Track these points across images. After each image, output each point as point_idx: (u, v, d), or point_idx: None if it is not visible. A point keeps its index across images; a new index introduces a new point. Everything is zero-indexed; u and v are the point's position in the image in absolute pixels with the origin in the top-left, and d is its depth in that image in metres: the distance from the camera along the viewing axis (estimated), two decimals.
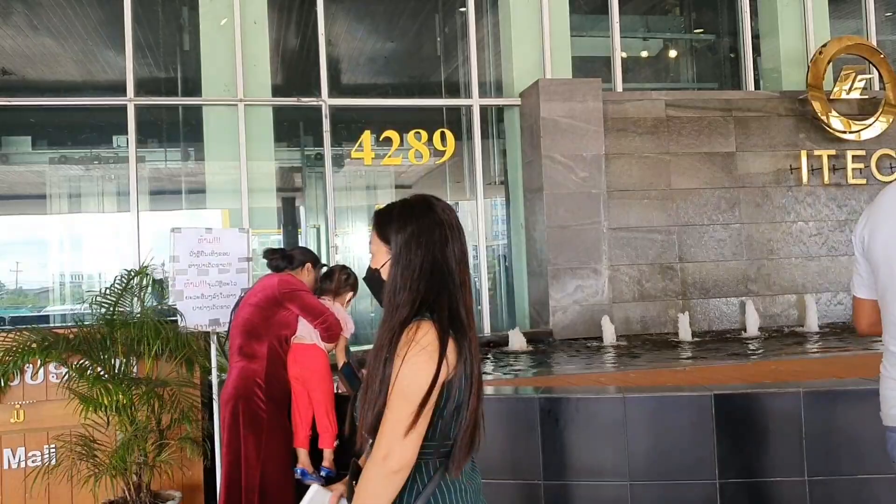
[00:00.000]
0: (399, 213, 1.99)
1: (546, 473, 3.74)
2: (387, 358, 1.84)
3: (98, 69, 8.99)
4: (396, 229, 1.97)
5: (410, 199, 2.04)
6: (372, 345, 1.95)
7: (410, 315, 1.86)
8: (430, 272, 1.90)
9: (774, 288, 8.02)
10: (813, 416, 3.64)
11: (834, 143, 8.09)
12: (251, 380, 4.13)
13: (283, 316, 4.25)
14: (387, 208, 2.04)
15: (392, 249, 1.96)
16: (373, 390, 1.84)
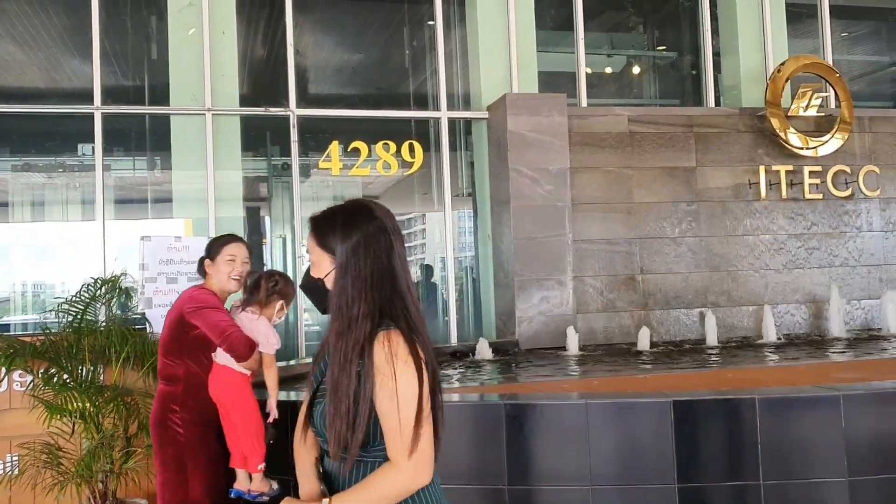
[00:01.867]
0: (343, 223, 1.98)
1: (510, 478, 3.81)
2: (359, 372, 1.86)
3: (64, 77, 8.94)
4: (342, 238, 1.96)
5: (350, 206, 2.04)
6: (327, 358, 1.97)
7: (374, 326, 1.89)
8: (380, 280, 1.93)
9: (733, 299, 8.20)
10: (768, 422, 3.76)
11: (791, 159, 8.31)
12: (167, 405, 3.82)
13: (197, 334, 3.81)
14: (326, 216, 2.02)
15: (338, 259, 1.95)
16: (345, 405, 1.85)
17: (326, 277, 1.99)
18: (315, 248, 2.02)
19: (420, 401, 1.87)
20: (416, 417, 1.86)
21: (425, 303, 9.37)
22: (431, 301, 9.42)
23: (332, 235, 1.98)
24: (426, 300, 9.40)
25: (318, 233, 2.03)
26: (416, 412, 1.86)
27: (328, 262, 1.98)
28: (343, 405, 1.85)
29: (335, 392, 1.87)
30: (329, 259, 1.98)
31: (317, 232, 2.03)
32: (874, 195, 8.54)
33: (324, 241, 2.00)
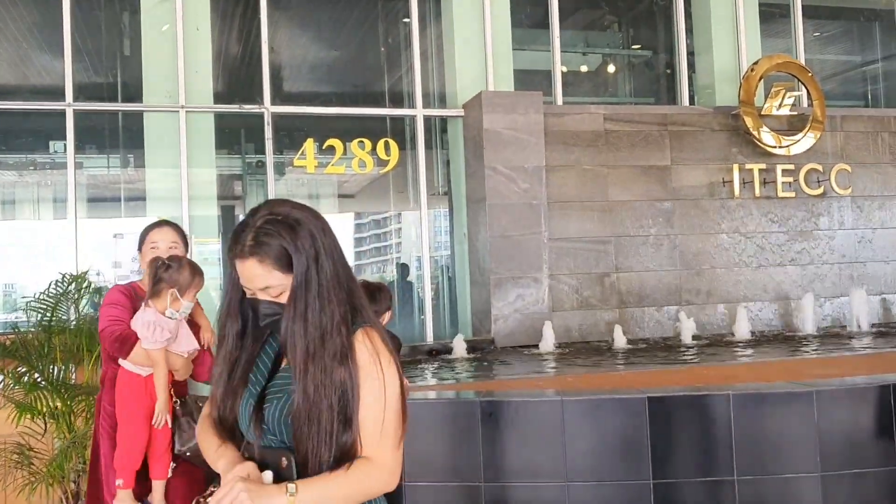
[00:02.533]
0: (290, 232, 1.81)
1: (486, 475, 3.82)
2: (342, 381, 1.77)
3: (35, 73, 8.82)
4: (296, 249, 1.80)
5: (284, 212, 1.85)
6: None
7: (349, 327, 1.83)
8: (344, 279, 1.87)
9: (707, 297, 8.26)
10: (742, 417, 3.79)
11: (764, 158, 8.39)
12: (97, 408, 3.61)
13: None
14: (267, 233, 1.81)
15: (297, 274, 1.80)
16: (326, 420, 1.75)
17: (282, 296, 1.83)
18: (270, 273, 1.81)
19: (402, 397, 1.85)
20: (403, 414, 1.84)
21: (401, 301, 9.36)
22: (407, 300, 9.41)
23: (284, 251, 1.80)
24: (402, 299, 9.39)
25: (269, 253, 1.80)
26: (402, 409, 1.84)
27: (282, 279, 1.81)
28: (324, 425, 1.75)
29: (312, 408, 1.75)
30: (282, 276, 1.81)
31: (267, 252, 1.80)
32: (846, 193, 8.64)
33: (279, 260, 1.80)
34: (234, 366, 1.94)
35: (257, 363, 1.95)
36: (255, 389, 1.89)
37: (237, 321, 1.93)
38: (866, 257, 8.72)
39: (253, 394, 1.89)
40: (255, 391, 1.89)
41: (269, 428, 1.83)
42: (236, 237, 1.83)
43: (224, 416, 1.93)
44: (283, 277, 1.80)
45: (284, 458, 1.78)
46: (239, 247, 1.81)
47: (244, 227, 1.83)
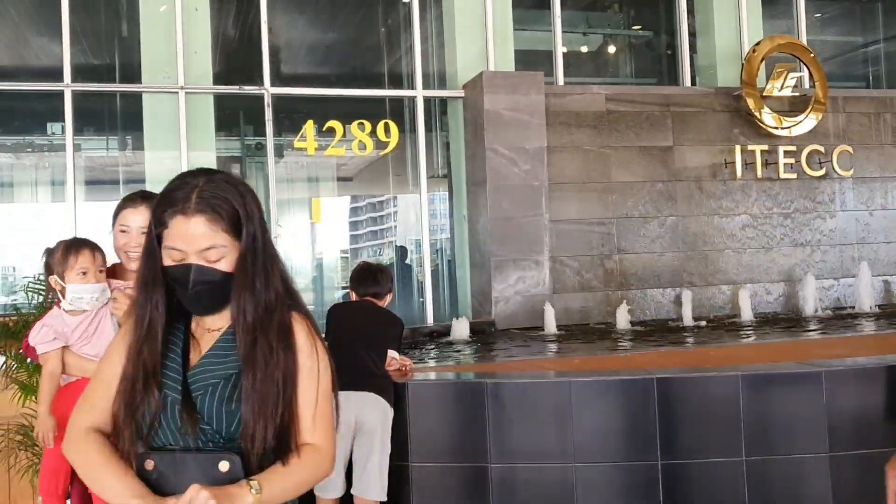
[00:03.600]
0: (241, 198, 1.72)
1: (493, 456, 3.81)
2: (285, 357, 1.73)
3: (32, 54, 8.74)
4: (246, 214, 1.72)
5: (233, 177, 1.77)
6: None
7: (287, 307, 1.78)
8: (276, 257, 1.80)
9: (709, 279, 8.25)
10: (750, 398, 3.78)
11: (766, 139, 8.36)
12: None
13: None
14: (216, 194, 1.69)
15: (245, 237, 1.71)
16: (272, 398, 1.69)
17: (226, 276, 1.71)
18: (217, 233, 1.69)
19: (334, 385, 1.81)
20: (336, 399, 1.82)
21: (399, 284, 9.34)
22: (406, 282, 9.39)
23: (236, 213, 1.71)
24: (400, 281, 9.36)
25: (220, 212, 1.69)
26: (335, 393, 1.81)
27: (235, 248, 1.71)
28: (270, 399, 1.68)
29: (258, 386, 1.68)
30: (234, 244, 1.71)
31: (218, 211, 1.69)
32: (847, 175, 8.61)
33: (228, 221, 1.69)
34: (139, 359, 1.74)
35: (167, 356, 1.76)
36: (176, 385, 1.73)
37: (160, 295, 1.74)
38: (868, 238, 8.71)
39: (175, 389, 1.72)
40: (177, 387, 1.73)
41: (205, 419, 1.70)
42: (170, 196, 1.70)
43: (121, 424, 1.72)
44: (228, 241, 1.70)
45: (225, 462, 1.67)
46: (181, 204, 1.67)
47: (181, 187, 1.70)
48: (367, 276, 4.23)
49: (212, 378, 1.73)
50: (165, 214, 1.69)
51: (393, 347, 4.05)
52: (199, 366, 1.75)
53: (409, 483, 3.91)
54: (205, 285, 1.69)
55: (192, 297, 1.71)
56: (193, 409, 1.69)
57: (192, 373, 1.74)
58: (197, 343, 1.80)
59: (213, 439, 1.70)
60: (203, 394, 1.71)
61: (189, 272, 1.68)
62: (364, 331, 3.98)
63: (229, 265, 1.71)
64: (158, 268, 1.72)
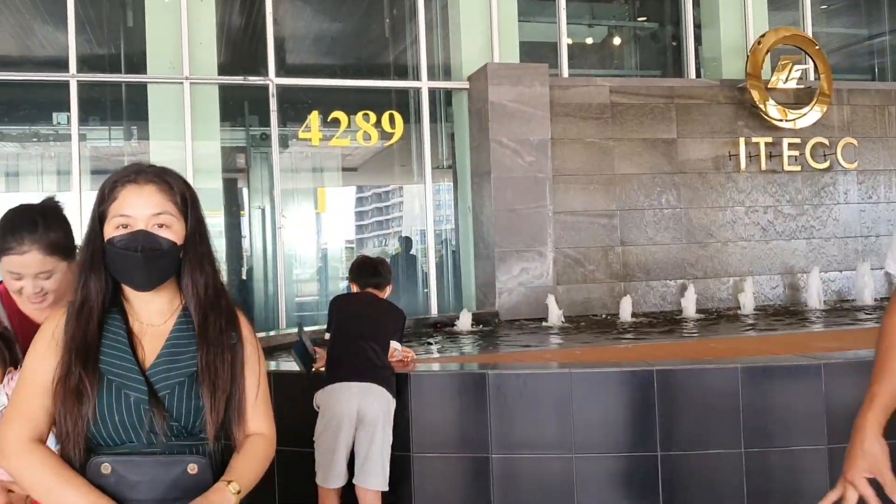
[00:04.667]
0: (188, 186, 1.78)
1: (494, 447, 3.84)
2: (233, 345, 1.78)
3: (38, 44, 8.76)
4: (192, 199, 1.78)
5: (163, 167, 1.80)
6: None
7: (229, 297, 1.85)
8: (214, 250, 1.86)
9: (712, 271, 8.26)
10: (750, 390, 3.80)
11: (771, 131, 8.35)
12: None
13: None
14: (168, 173, 1.76)
15: (192, 218, 1.76)
16: (223, 382, 1.73)
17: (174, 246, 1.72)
18: (167, 203, 1.72)
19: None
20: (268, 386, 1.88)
21: (404, 275, 9.37)
22: (410, 273, 9.41)
23: (185, 193, 1.76)
24: (405, 272, 9.39)
25: (173, 186, 1.74)
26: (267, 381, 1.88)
27: (179, 220, 1.73)
28: (222, 383, 1.72)
29: (212, 371, 1.71)
30: (179, 218, 1.73)
31: (171, 185, 1.74)
32: (852, 167, 8.60)
33: (179, 197, 1.74)
34: (75, 344, 1.70)
35: (112, 352, 1.72)
36: (138, 385, 1.68)
37: (98, 278, 1.73)
38: (872, 231, 8.71)
39: (138, 389, 1.68)
40: (140, 386, 1.68)
41: (173, 417, 1.68)
42: (118, 172, 1.74)
43: (64, 422, 1.65)
44: (177, 214, 1.72)
45: (193, 465, 1.67)
46: (133, 175, 1.72)
47: (129, 167, 1.75)
48: (368, 268, 4.26)
49: (177, 376, 1.71)
50: (116, 186, 1.71)
51: (395, 338, 4.07)
52: (158, 364, 1.72)
53: (410, 473, 3.94)
54: (154, 252, 1.68)
55: (140, 264, 1.68)
56: (163, 408, 1.67)
57: (154, 371, 1.71)
58: (138, 340, 1.75)
59: (179, 435, 1.69)
60: (171, 392, 1.70)
61: (138, 237, 1.67)
62: (366, 322, 4.00)
63: (177, 238, 1.72)
64: (99, 248, 1.71)
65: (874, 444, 1.78)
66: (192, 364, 1.73)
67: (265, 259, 8.68)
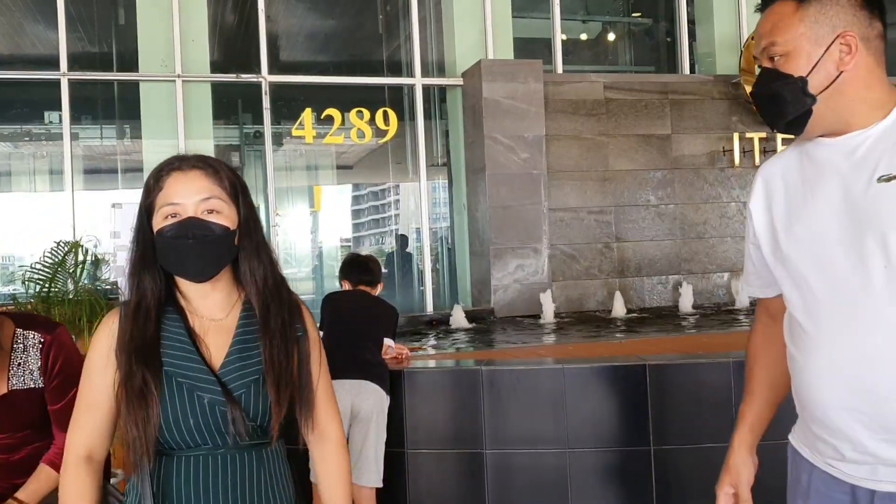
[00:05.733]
0: (238, 174, 1.72)
1: (488, 442, 3.83)
2: (299, 338, 1.72)
3: (28, 42, 8.73)
4: (243, 188, 1.71)
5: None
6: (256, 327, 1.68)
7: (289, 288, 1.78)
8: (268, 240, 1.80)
9: (707, 267, 8.26)
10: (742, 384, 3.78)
11: (764, 127, 8.30)
12: None
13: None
14: (215, 160, 1.71)
15: (244, 206, 1.68)
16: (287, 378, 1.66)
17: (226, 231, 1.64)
18: (216, 188, 1.65)
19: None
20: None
21: (400, 272, 9.36)
22: (407, 270, 9.40)
23: (236, 179, 1.70)
24: (401, 270, 9.38)
25: (220, 171, 1.67)
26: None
27: (231, 207, 1.66)
28: (287, 378, 1.65)
29: (277, 366, 1.64)
30: (231, 205, 1.66)
31: (218, 171, 1.67)
32: None
33: (231, 185, 1.67)
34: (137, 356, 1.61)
35: (175, 352, 1.65)
36: (211, 386, 1.62)
37: (153, 275, 1.66)
38: None
39: (212, 390, 1.62)
40: (214, 388, 1.62)
41: (250, 417, 1.63)
42: (163, 163, 1.69)
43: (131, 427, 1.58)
44: (227, 199, 1.65)
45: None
46: (178, 163, 1.66)
47: (176, 157, 1.69)
48: (359, 265, 4.26)
49: (251, 373, 1.64)
50: (161, 175, 1.65)
51: (388, 335, 4.07)
52: (229, 363, 1.65)
53: (405, 470, 3.94)
54: (206, 238, 1.60)
55: (193, 252, 1.60)
56: (240, 408, 1.60)
57: (226, 369, 1.64)
58: (200, 338, 1.67)
59: (254, 435, 1.64)
60: (246, 392, 1.63)
61: (187, 225, 1.60)
62: (360, 319, 4.00)
63: (229, 223, 1.64)
64: (150, 243, 1.64)
65: (737, 460, 1.90)
66: (261, 363, 1.66)
67: None
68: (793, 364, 1.71)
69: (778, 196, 1.72)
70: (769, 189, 1.75)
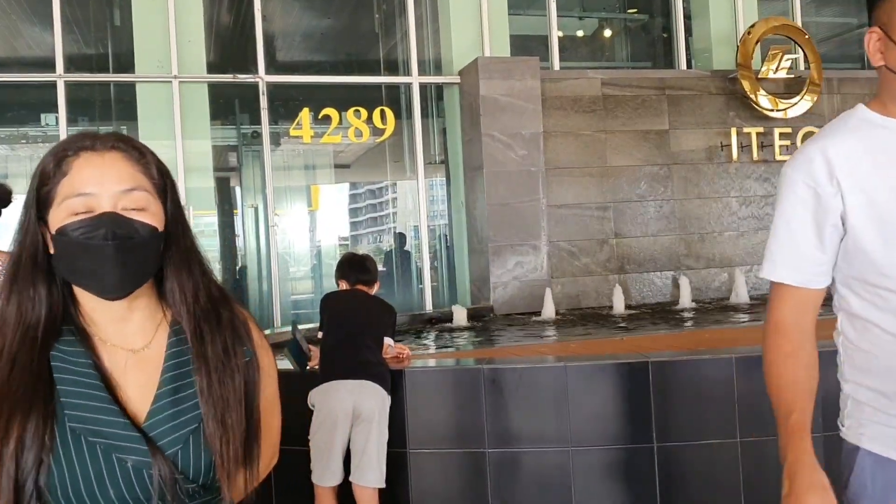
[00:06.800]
0: (156, 156, 1.31)
1: (490, 441, 3.83)
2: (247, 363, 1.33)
3: (24, 45, 8.71)
4: (171, 181, 1.31)
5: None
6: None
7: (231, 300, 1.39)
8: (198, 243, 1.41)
9: (706, 262, 8.26)
10: (744, 380, 3.79)
11: (762, 121, 8.35)
12: None
13: None
14: (138, 144, 1.30)
15: (171, 200, 1.29)
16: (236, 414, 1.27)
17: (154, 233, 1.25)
18: (138, 176, 1.25)
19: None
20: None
21: (399, 271, 9.35)
22: (405, 269, 9.40)
23: (160, 168, 1.30)
24: (400, 268, 9.38)
25: (144, 156, 1.28)
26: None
27: (155, 201, 1.27)
28: (234, 408, 1.27)
29: (216, 389, 1.26)
30: (155, 199, 1.27)
31: (146, 154, 1.29)
32: None
33: (158, 173, 1.29)
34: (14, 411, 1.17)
35: (72, 401, 1.21)
36: (134, 444, 1.20)
37: (41, 287, 1.25)
38: None
39: (135, 450, 1.20)
40: (137, 446, 1.20)
41: (190, 479, 1.24)
42: (66, 141, 1.27)
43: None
44: (153, 192, 1.26)
45: None
46: (90, 140, 1.25)
47: (88, 135, 1.27)
48: (357, 265, 4.26)
49: (187, 423, 1.25)
50: (66, 156, 1.24)
51: (388, 335, 4.06)
52: (158, 410, 1.24)
53: (407, 470, 3.93)
54: (129, 242, 1.21)
55: (111, 258, 1.19)
56: (176, 469, 1.22)
57: (154, 422, 1.23)
58: (114, 378, 1.25)
59: (194, 497, 1.25)
60: (184, 447, 1.23)
61: (104, 221, 1.20)
62: (360, 319, 3.99)
63: (157, 223, 1.25)
64: (40, 246, 1.25)
65: (823, 478, 1.58)
66: (198, 406, 1.27)
67: (259, 257, 8.65)
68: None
69: (864, 172, 1.62)
70: (851, 167, 1.62)
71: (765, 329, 1.79)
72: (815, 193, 1.64)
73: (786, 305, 1.75)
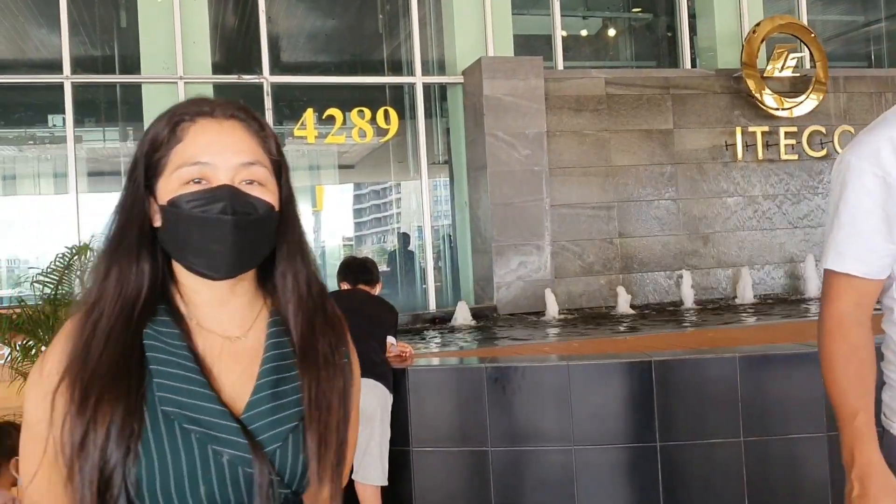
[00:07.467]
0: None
1: (493, 440, 3.84)
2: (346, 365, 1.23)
3: (31, 47, 8.75)
4: (285, 161, 1.22)
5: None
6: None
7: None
8: None
9: (710, 261, 8.25)
10: (748, 379, 3.80)
11: (767, 120, 8.33)
12: None
13: None
14: (263, 119, 1.21)
15: (286, 187, 1.20)
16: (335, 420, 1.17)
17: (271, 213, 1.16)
18: (260, 152, 1.17)
19: None
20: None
21: (403, 271, 9.36)
22: (409, 269, 9.40)
23: (279, 144, 1.21)
24: (403, 268, 9.38)
25: (269, 131, 1.21)
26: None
27: (272, 179, 1.18)
28: (336, 425, 1.17)
29: (320, 397, 1.16)
30: (271, 176, 1.18)
31: (267, 129, 1.20)
32: None
33: (277, 151, 1.20)
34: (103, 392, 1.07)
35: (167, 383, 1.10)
36: (233, 436, 1.09)
37: (146, 265, 1.15)
38: None
39: (234, 443, 1.09)
40: (235, 439, 1.09)
41: (285, 481, 1.13)
42: (194, 105, 1.18)
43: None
44: (270, 167, 1.17)
45: None
46: (209, 106, 1.17)
47: (205, 101, 1.19)
48: (358, 266, 4.30)
49: (287, 421, 1.14)
50: (182, 120, 1.15)
51: (390, 334, 4.08)
52: (257, 403, 1.13)
53: (409, 468, 3.94)
54: (247, 218, 1.12)
55: (229, 234, 1.10)
56: (273, 469, 1.11)
57: (252, 415, 1.12)
58: (208, 363, 1.15)
59: (283, 500, 1.13)
60: (282, 447, 1.13)
61: (222, 194, 1.11)
62: (363, 318, 4.00)
63: (274, 201, 1.17)
64: (145, 216, 1.16)
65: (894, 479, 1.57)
66: (299, 401, 1.16)
67: None
68: None
69: None
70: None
71: (823, 323, 1.71)
72: (885, 182, 1.61)
73: (848, 297, 1.69)
